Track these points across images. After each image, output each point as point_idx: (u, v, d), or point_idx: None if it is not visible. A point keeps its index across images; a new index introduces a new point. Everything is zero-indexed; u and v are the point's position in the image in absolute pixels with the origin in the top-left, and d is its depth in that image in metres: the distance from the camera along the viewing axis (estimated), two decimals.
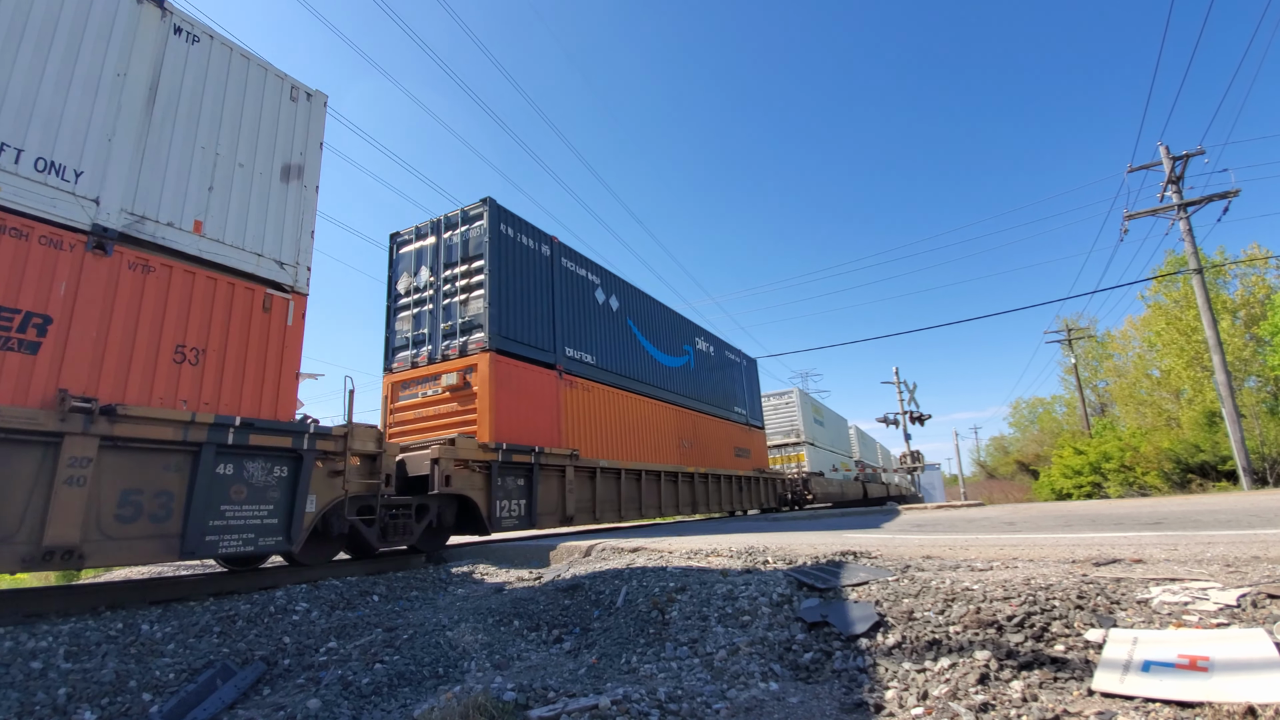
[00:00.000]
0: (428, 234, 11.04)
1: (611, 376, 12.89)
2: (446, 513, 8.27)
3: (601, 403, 12.28)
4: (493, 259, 10.09)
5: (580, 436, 11.30)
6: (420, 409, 10.14)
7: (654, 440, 14.07)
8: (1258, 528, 5.85)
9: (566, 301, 11.94)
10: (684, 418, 15.91)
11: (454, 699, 3.02)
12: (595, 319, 12.86)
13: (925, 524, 9.71)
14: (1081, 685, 2.57)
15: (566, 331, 11.71)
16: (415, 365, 10.48)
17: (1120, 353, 38.69)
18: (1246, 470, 17.70)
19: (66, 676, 3.78)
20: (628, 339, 14.02)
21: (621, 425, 12.85)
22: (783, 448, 26.14)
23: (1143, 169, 20.96)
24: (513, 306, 10.33)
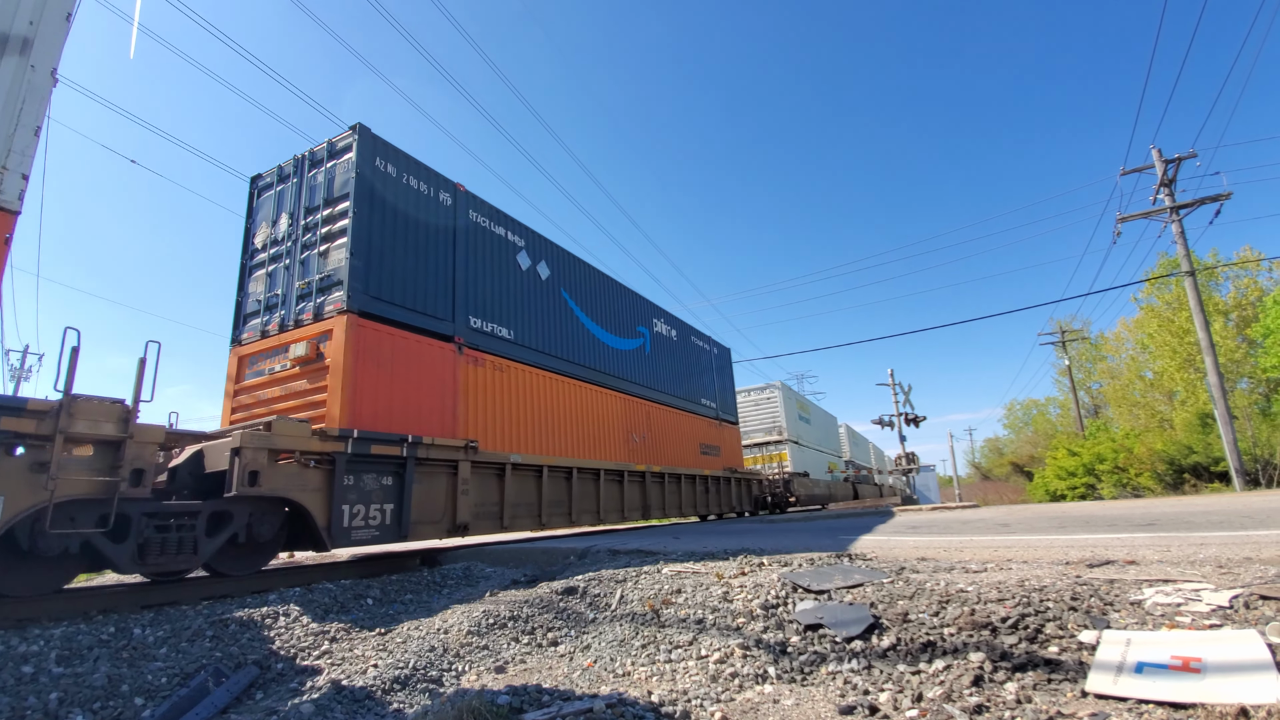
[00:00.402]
0: (290, 175, 8.96)
1: (536, 356, 10.89)
2: (263, 522, 6.31)
3: (520, 386, 10.30)
4: (361, 199, 8.03)
5: (487, 425, 9.35)
6: (266, 389, 8.07)
7: (593, 433, 12.11)
8: (1250, 529, 5.88)
9: (475, 263, 9.87)
10: (635, 408, 13.93)
11: (448, 702, 3.01)
12: (517, 287, 10.80)
13: (920, 525, 9.73)
14: (1075, 687, 2.57)
15: (473, 298, 9.66)
16: (265, 335, 8.38)
17: (1114, 354, 38.92)
18: (1239, 471, 17.80)
19: (58, 681, 3.75)
20: (561, 314, 11.91)
21: (548, 414, 10.86)
22: (764, 446, 24.62)
23: (1135, 172, 21.07)
24: (389, 261, 8.27)
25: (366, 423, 7.44)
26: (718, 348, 20.02)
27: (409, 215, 8.84)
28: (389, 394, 7.85)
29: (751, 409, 25.04)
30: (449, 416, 8.68)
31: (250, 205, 9.46)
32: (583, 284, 13.02)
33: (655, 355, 15.69)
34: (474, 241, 10.04)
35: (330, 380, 7.39)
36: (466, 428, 8.97)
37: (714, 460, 17.69)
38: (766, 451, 24.50)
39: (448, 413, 8.67)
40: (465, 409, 9.01)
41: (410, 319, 8.49)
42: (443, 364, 8.80)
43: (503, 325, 10.27)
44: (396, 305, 8.32)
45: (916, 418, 32.61)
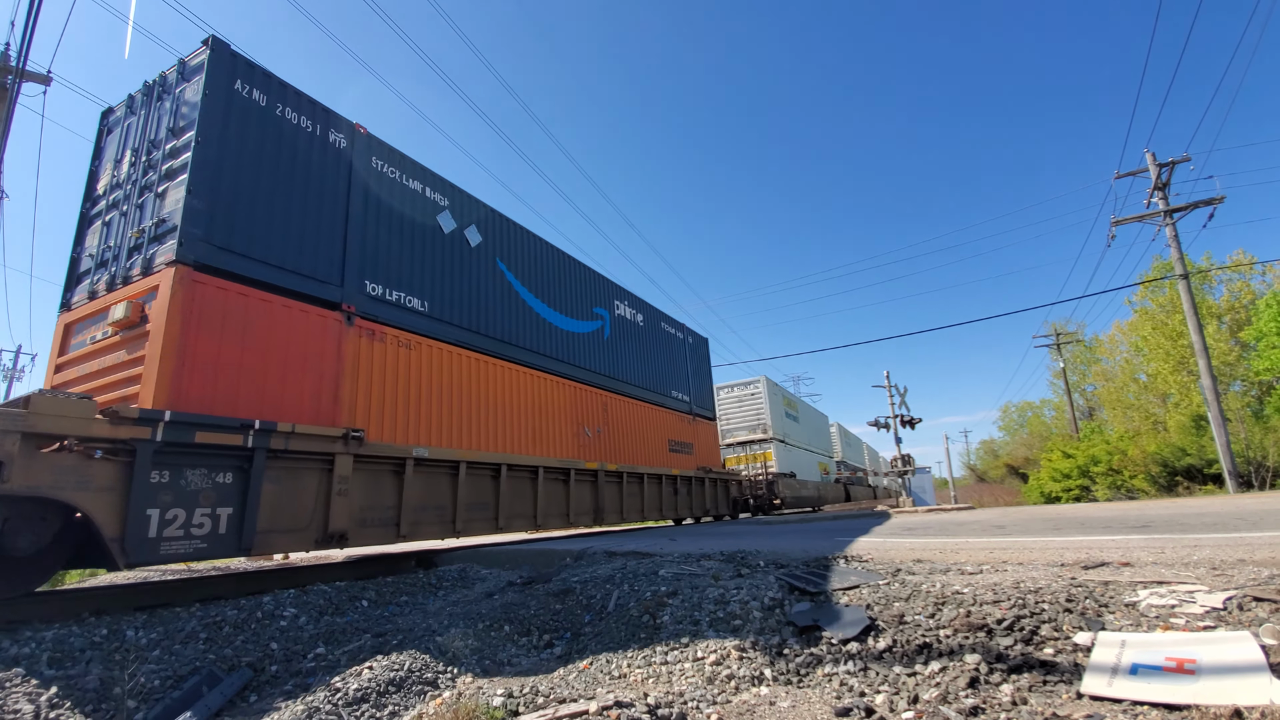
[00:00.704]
0: (140, 105, 7.36)
1: (459, 333, 9.22)
2: (22, 531, 4.76)
3: (435, 367, 8.65)
4: (208, 128, 6.46)
5: (385, 412, 7.71)
6: (87, 362, 6.50)
7: (532, 424, 10.48)
8: (1243, 531, 5.91)
9: (377, 219, 8.15)
10: (588, 398, 12.35)
11: (443, 705, 3.00)
12: (436, 252, 9.12)
13: (916, 527, 9.74)
14: (1070, 688, 2.58)
15: (372, 261, 7.98)
16: (94, 296, 6.86)
17: (1108, 357, 39.10)
18: (1232, 474, 17.89)
19: (50, 683, 3.73)
20: (495, 287, 10.28)
21: (473, 401, 9.22)
22: (747, 445, 23.24)
23: (1130, 175, 21.18)
24: (247, 207, 6.71)
25: (197, 404, 5.87)
26: (693, 336, 18.46)
27: (281, 155, 7.17)
28: (237, 369, 6.27)
29: (734, 406, 23.82)
30: (328, 400, 7.07)
31: (98, 145, 7.79)
32: (525, 255, 11.30)
33: (616, 340, 14.01)
34: (377, 194, 8.25)
35: (149, 348, 5.79)
36: (354, 414, 7.30)
37: (686, 459, 16.16)
38: (750, 450, 23.09)
39: (326, 396, 7.07)
40: (354, 392, 7.38)
41: (278, 279, 6.85)
42: (323, 336, 7.20)
43: (414, 295, 8.54)
44: (256, 261, 6.68)
45: (912, 420, 32.63)
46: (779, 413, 24.52)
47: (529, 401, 10.57)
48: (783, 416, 24.99)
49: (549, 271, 12.02)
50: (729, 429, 23.70)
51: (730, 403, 24.00)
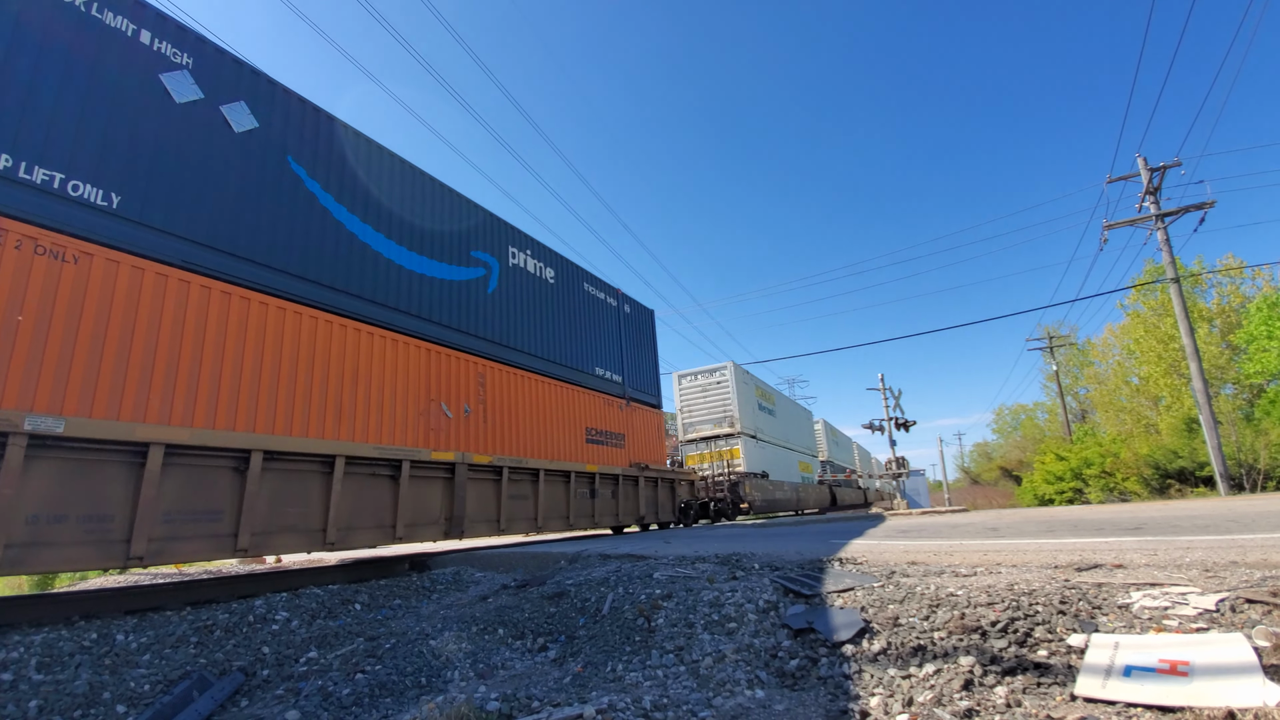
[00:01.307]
0: None
1: (197, 252, 6.40)
2: None
3: (133, 299, 5.81)
4: None
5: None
6: None
7: (340, 394, 7.50)
8: (1235, 533, 5.94)
9: (37, 58, 5.51)
10: (456, 367, 9.39)
11: (436, 709, 2.98)
12: (153, 128, 6.26)
13: (910, 530, 9.76)
14: (1064, 690, 2.58)
15: None
16: None
17: (1100, 360, 39.32)
18: (1223, 476, 18.00)
19: (38, 688, 3.69)
20: (286, 197, 7.40)
21: (219, 355, 6.38)
22: (712, 440, 20.77)
23: (1122, 180, 21.33)
24: None
25: None
26: (631, 305, 15.25)
27: None
28: None
29: (697, 396, 21.38)
30: None
31: None
32: (346, 163, 8.27)
33: (508, 296, 11.03)
34: (39, 21, 5.58)
35: None
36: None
37: (613, 453, 13.19)
38: (716, 447, 20.46)
39: None
40: None
41: None
42: None
43: (91, 182, 5.73)
44: None
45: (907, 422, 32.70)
46: (749, 404, 22.16)
47: (338, 362, 7.58)
48: (755, 409, 22.76)
49: (394, 190, 8.98)
50: (692, 422, 21.40)
51: (693, 392, 21.53)
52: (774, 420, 25.44)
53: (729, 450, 20.58)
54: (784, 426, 26.92)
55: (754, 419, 22.35)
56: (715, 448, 20.74)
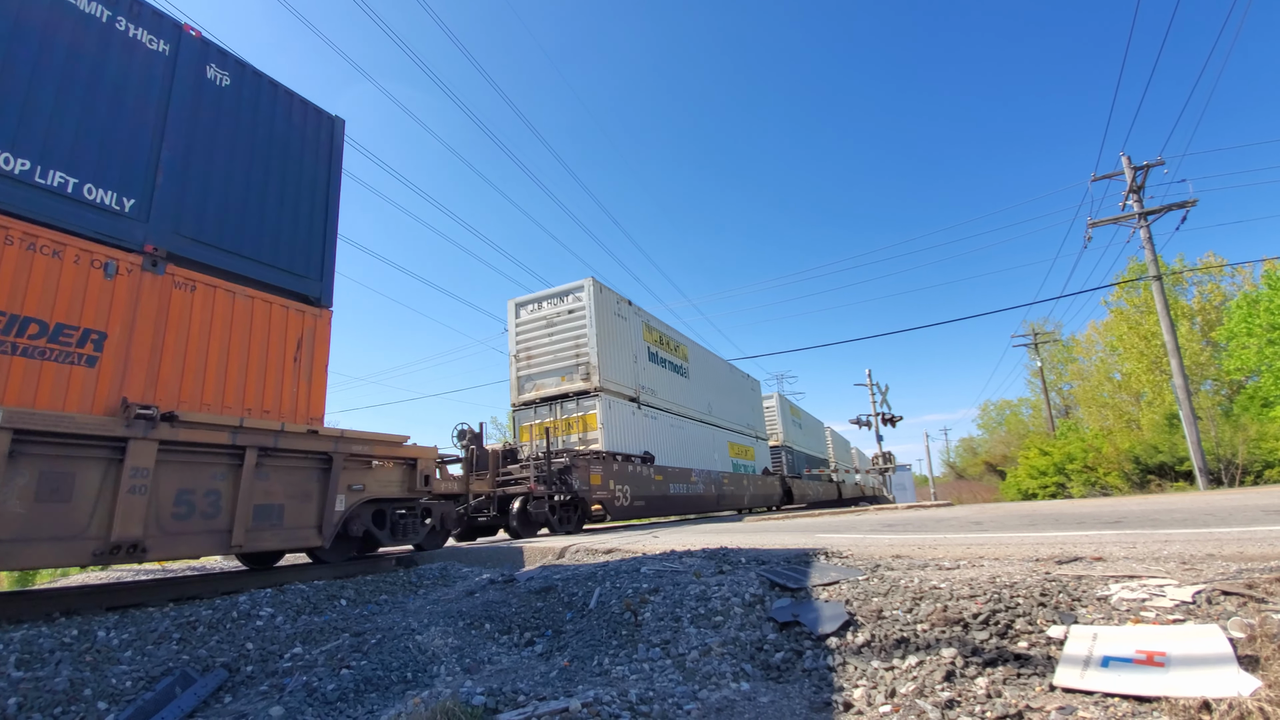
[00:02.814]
0: None
1: None
2: None
3: None
4: None
5: None
6: None
7: None
8: (1213, 526, 6.04)
9: None
10: None
11: (422, 704, 2.98)
12: None
13: (895, 524, 9.85)
14: (1044, 681, 2.62)
15: None
16: None
17: (1084, 356, 39.86)
18: (1202, 471, 18.31)
19: (17, 685, 3.64)
20: None
21: None
22: (558, 403, 13.61)
23: (1106, 178, 21.57)
24: None
25: None
26: (227, 69, 7.11)
27: None
28: None
29: (540, 334, 14.32)
30: None
31: None
32: None
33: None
34: None
35: None
36: None
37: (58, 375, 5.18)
38: (567, 413, 13.42)
39: None
40: None
41: None
42: None
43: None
44: None
45: (893, 417, 32.97)
46: (624, 347, 14.89)
47: None
48: (639, 358, 15.65)
49: None
50: (531, 374, 14.19)
51: (534, 329, 14.44)
52: (682, 382, 18.30)
53: (583, 415, 13.13)
54: (702, 393, 19.79)
55: (635, 372, 15.06)
56: (566, 413, 13.32)
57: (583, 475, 12.17)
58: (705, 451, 19.17)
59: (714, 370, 21.91)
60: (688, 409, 18.65)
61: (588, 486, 12.19)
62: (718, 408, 21.26)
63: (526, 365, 14.62)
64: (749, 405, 24.84)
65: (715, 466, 19.55)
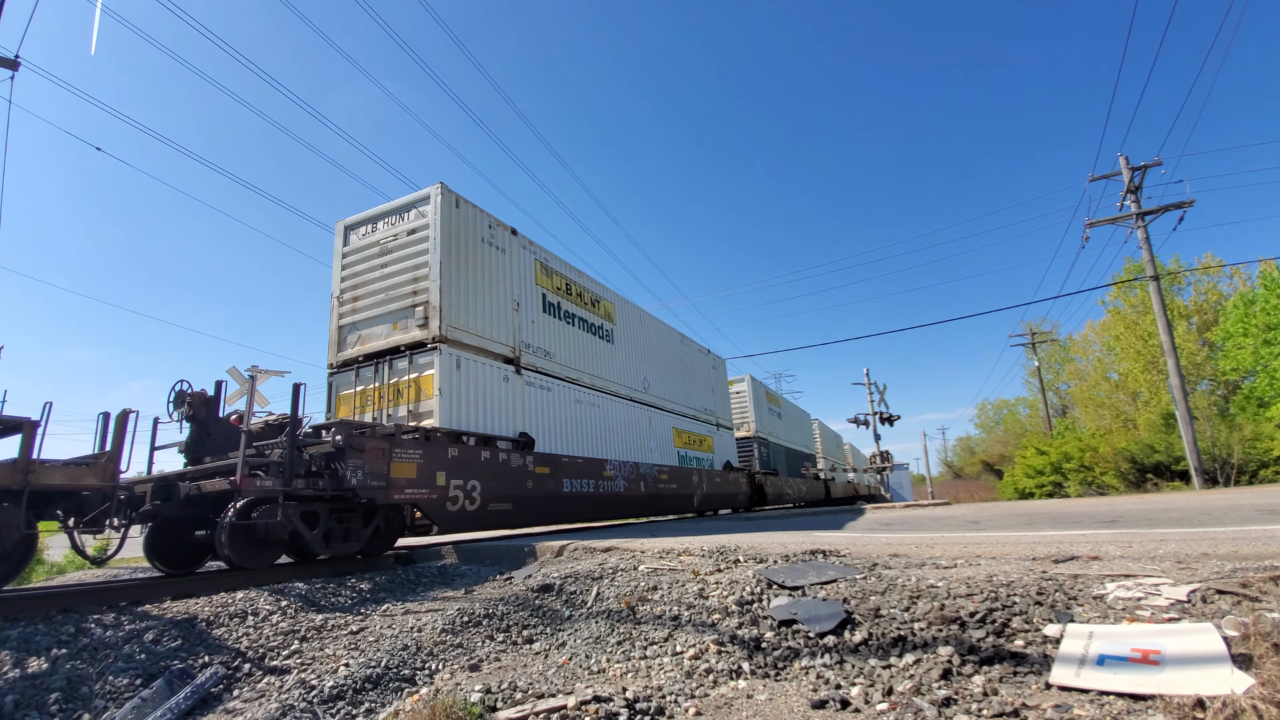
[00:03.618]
0: None
1: None
2: None
3: None
4: None
5: None
6: None
7: None
8: (1208, 526, 6.07)
9: None
10: None
11: (420, 701, 2.98)
12: None
13: (893, 523, 9.87)
14: (1040, 679, 2.63)
15: None
16: None
17: (1081, 356, 39.93)
18: (1198, 470, 18.36)
19: (14, 684, 3.63)
20: None
21: None
22: (386, 362, 9.78)
23: (1104, 179, 21.61)
24: None
25: None
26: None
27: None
28: None
29: (372, 267, 10.38)
30: None
31: None
32: None
33: None
34: None
35: None
36: None
37: None
38: (397, 375, 9.61)
39: None
40: None
41: None
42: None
43: None
44: None
45: (891, 417, 33.02)
46: (492, 289, 10.88)
47: None
48: (519, 306, 11.50)
49: None
50: (356, 321, 10.30)
51: (365, 261, 10.51)
52: (602, 348, 14.35)
53: (415, 380, 9.39)
54: (635, 365, 15.74)
55: (517, 324, 11.21)
56: (396, 375, 9.56)
57: (373, 463, 7.47)
58: (635, 438, 15.03)
59: (656, 339, 17.49)
60: (609, 382, 14.35)
61: (383, 481, 7.55)
62: (660, 385, 16.97)
63: (351, 310, 10.37)
64: (708, 387, 20.37)
65: (651, 458, 15.42)
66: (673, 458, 16.76)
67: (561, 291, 13.30)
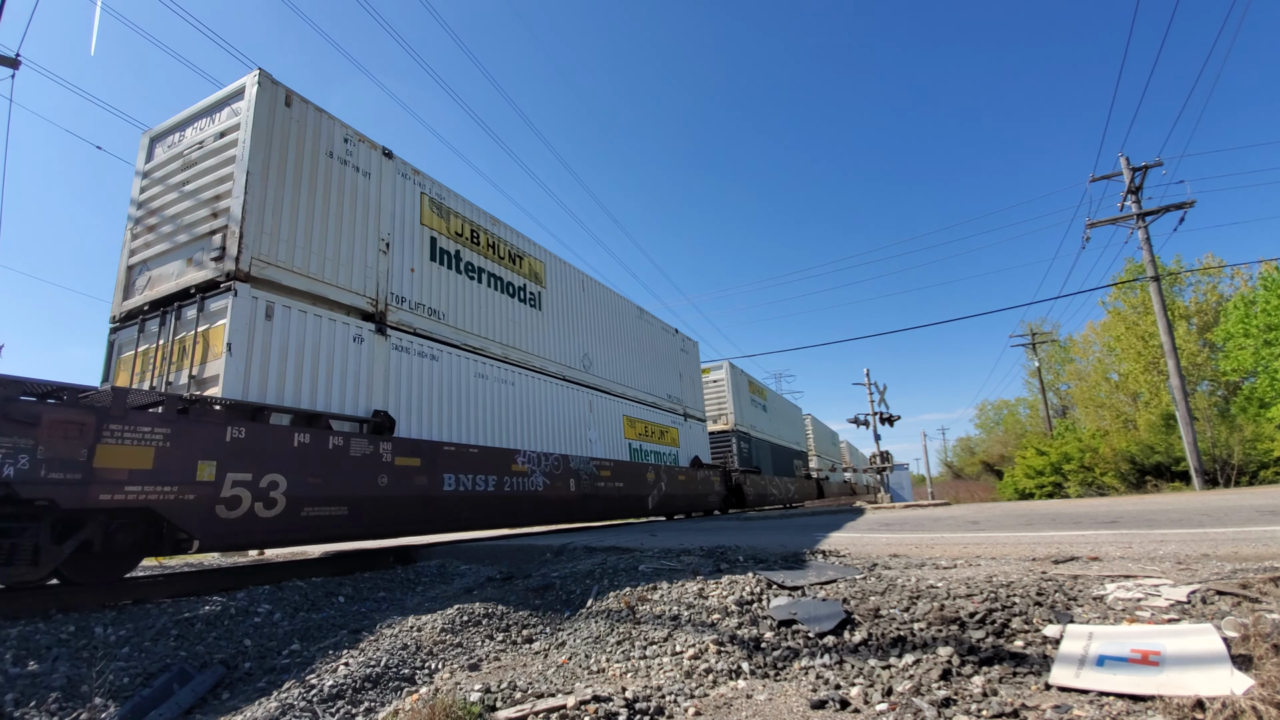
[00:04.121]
0: None
1: None
2: None
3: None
4: None
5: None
6: None
7: None
8: (1208, 527, 6.07)
9: None
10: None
11: (420, 700, 2.98)
12: None
13: (893, 523, 9.87)
14: (1039, 680, 2.63)
15: None
16: None
17: (1081, 357, 39.90)
18: (1198, 471, 18.35)
19: (14, 681, 3.64)
20: None
21: None
22: (173, 312, 7.12)
23: (1104, 179, 21.59)
24: None
25: None
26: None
27: None
28: None
29: (175, 180, 7.88)
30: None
31: None
32: None
33: None
34: None
35: None
36: None
37: None
38: (187, 327, 6.95)
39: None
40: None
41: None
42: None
43: None
44: None
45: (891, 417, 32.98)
46: (343, 216, 8.45)
47: None
48: (390, 246, 9.14)
49: None
50: (149, 258, 7.83)
51: (166, 176, 8.08)
52: (525, 314, 11.99)
53: (205, 333, 6.88)
54: (572, 338, 13.43)
55: (385, 268, 8.95)
56: (185, 329, 7.05)
57: (58, 444, 5.04)
58: (568, 426, 12.43)
59: (605, 311, 14.80)
60: (533, 356, 11.80)
61: (79, 473, 5.11)
62: (607, 365, 14.41)
63: (144, 245, 7.91)
64: (674, 372, 17.69)
65: (590, 450, 12.95)
66: (621, 451, 14.12)
67: (463, 239, 10.66)
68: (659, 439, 16.18)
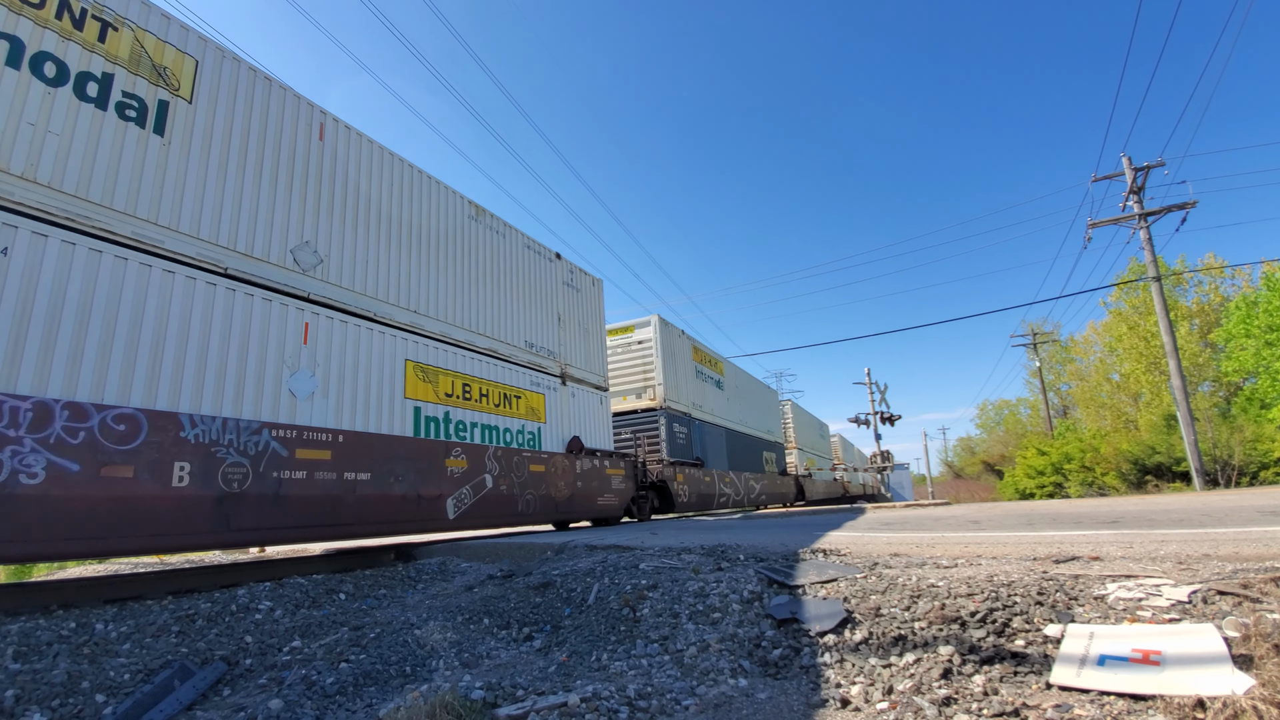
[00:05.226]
0: None
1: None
2: None
3: None
4: None
5: None
6: None
7: None
8: (1209, 527, 6.06)
9: None
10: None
11: (420, 698, 2.98)
12: None
13: (893, 522, 9.87)
14: (1040, 679, 2.63)
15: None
16: None
17: (1083, 357, 39.90)
18: (1199, 471, 18.34)
19: (15, 678, 3.64)
20: None
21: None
22: None
23: (1106, 179, 21.57)
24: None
25: None
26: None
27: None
28: None
29: None
30: None
31: None
32: None
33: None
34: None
35: None
36: None
37: None
38: None
39: None
40: None
41: None
42: None
43: None
44: None
45: (892, 416, 33.02)
46: None
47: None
48: None
49: None
50: None
51: None
52: (158, 148, 5.90)
53: None
54: (262, 186, 6.89)
55: None
56: None
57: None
58: (258, 369, 6.51)
59: (377, 185, 8.55)
60: (151, 225, 5.83)
61: None
62: (368, 267, 8.17)
63: None
64: (552, 313, 12.30)
65: (306, 417, 6.92)
66: (396, 419, 8.13)
67: None
68: (502, 408, 10.34)
